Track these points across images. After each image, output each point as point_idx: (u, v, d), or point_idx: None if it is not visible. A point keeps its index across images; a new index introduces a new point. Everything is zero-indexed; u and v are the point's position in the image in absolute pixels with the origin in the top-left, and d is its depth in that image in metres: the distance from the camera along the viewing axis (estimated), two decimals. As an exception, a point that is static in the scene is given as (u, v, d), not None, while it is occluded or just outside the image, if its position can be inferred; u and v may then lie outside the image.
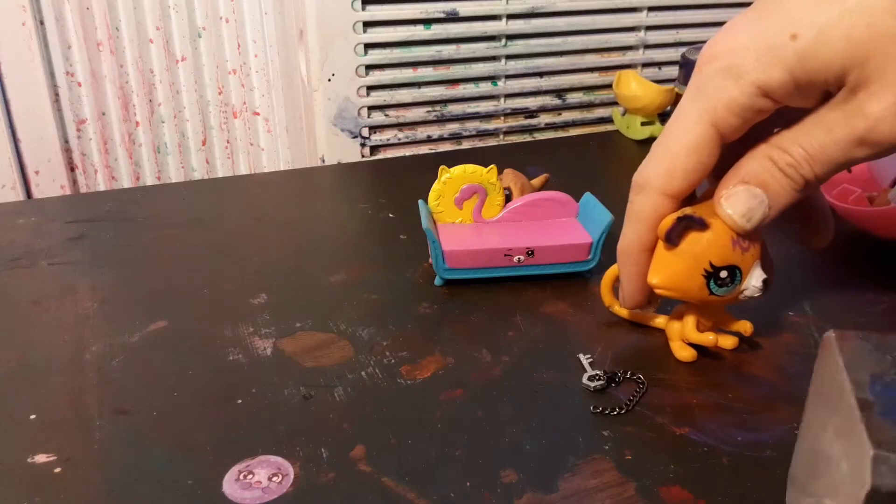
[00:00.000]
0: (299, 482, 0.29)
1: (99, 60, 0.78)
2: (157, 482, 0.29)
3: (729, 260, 0.33)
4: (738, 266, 0.33)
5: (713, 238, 0.32)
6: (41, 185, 0.78)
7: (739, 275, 0.33)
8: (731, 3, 0.79)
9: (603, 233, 0.42)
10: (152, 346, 0.37)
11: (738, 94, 0.29)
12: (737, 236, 0.32)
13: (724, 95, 0.29)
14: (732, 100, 0.29)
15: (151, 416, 0.32)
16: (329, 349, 0.37)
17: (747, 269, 0.33)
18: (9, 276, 0.44)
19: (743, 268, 0.33)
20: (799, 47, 0.27)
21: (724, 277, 0.33)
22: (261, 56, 0.83)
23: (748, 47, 0.28)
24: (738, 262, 0.33)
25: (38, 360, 0.36)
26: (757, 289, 0.33)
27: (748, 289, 0.33)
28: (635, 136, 0.70)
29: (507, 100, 0.74)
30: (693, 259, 0.33)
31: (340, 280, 0.44)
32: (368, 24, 0.66)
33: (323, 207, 0.56)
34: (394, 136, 0.71)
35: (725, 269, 0.33)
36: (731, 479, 0.28)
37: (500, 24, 0.71)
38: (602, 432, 0.31)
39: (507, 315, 0.40)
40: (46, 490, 0.28)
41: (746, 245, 0.32)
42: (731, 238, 0.32)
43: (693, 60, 0.67)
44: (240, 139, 0.86)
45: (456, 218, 0.45)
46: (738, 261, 0.33)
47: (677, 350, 0.36)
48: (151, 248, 0.48)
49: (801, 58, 0.27)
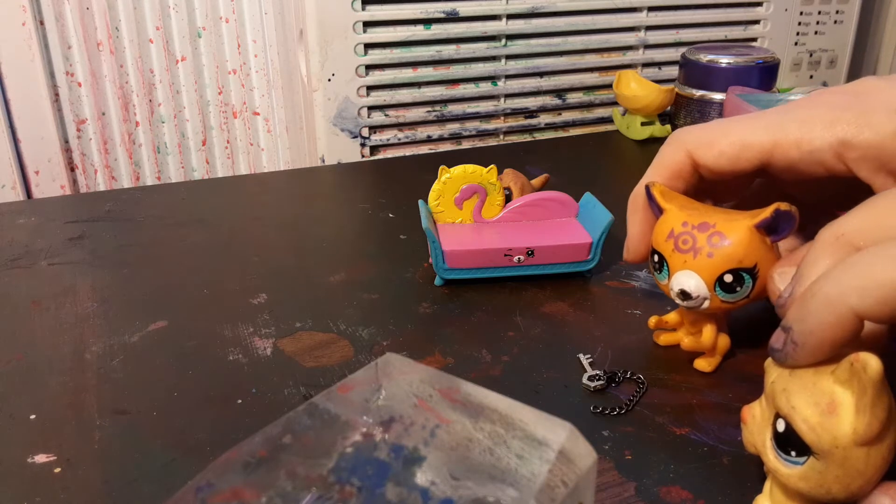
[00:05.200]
0: (299, 482, 0.29)
1: (99, 60, 0.78)
2: (157, 482, 0.29)
3: (660, 247, 0.33)
4: (665, 258, 0.33)
5: (660, 221, 0.33)
6: (41, 185, 0.78)
7: (666, 268, 0.33)
8: (731, 3, 0.79)
9: (603, 233, 0.42)
10: (152, 346, 0.37)
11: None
12: (678, 234, 0.32)
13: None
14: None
15: (151, 416, 0.32)
16: (329, 349, 0.37)
17: (675, 267, 0.32)
18: (9, 276, 0.44)
19: (669, 263, 0.33)
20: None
21: (655, 262, 0.34)
22: (261, 56, 0.83)
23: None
24: (665, 253, 0.33)
25: (38, 360, 0.36)
26: (674, 293, 0.33)
27: (671, 290, 0.33)
28: (635, 136, 0.70)
29: (507, 100, 0.74)
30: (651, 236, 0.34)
31: (340, 280, 0.44)
32: (368, 24, 0.66)
33: (323, 207, 0.56)
34: (394, 136, 0.71)
35: (657, 255, 0.33)
36: (731, 479, 0.28)
37: (500, 24, 0.71)
38: (602, 432, 0.31)
39: (507, 315, 0.40)
40: (46, 490, 0.28)
41: (687, 247, 0.32)
42: (672, 229, 0.32)
43: (693, 60, 0.68)
44: (240, 139, 0.86)
45: (456, 218, 0.45)
46: (667, 254, 0.33)
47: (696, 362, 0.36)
48: (151, 248, 0.48)
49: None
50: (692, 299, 0.32)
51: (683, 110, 0.69)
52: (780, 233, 0.31)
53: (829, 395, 0.21)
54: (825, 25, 0.84)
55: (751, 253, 0.31)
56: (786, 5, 0.80)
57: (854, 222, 0.25)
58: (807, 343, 0.22)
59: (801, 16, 0.82)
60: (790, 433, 0.22)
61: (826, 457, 0.21)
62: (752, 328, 0.38)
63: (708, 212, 0.32)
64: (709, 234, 0.31)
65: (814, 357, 0.23)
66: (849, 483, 0.21)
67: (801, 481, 0.22)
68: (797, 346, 0.23)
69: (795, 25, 0.82)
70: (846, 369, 0.21)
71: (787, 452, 0.23)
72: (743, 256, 0.31)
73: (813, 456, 0.22)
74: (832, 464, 0.21)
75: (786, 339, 0.23)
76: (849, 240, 0.25)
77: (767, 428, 0.24)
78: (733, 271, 0.31)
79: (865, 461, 0.21)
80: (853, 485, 0.22)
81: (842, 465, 0.21)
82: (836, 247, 0.25)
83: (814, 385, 0.22)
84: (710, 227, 0.31)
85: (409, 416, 0.20)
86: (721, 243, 0.31)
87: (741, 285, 0.31)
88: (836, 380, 0.22)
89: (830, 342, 0.22)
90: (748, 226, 0.31)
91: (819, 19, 0.83)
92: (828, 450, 0.21)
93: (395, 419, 0.20)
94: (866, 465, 0.21)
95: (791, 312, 0.23)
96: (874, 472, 0.21)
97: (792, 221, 0.30)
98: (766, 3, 0.80)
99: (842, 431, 0.21)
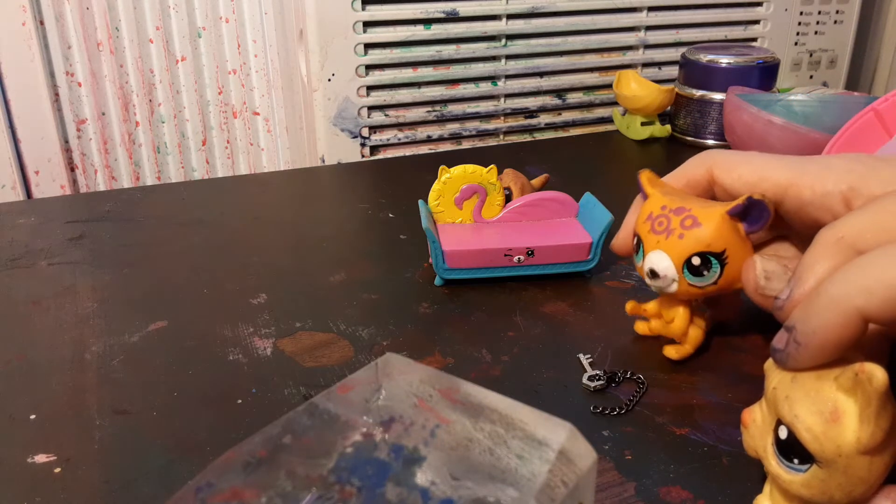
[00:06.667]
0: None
1: (99, 60, 0.78)
2: (157, 482, 0.29)
3: (638, 229, 0.34)
4: (641, 239, 0.34)
5: (643, 207, 0.34)
6: (41, 185, 0.78)
7: (641, 249, 0.34)
8: (731, 3, 0.79)
9: (603, 233, 0.42)
10: (152, 346, 0.37)
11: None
12: (656, 216, 0.33)
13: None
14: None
15: (151, 416, 0.32)
16: (329, 349, 0.37)
17: (648, 247, 0.33)
18: (9, 276, 0.44)
19: (644, 243, 0.34)
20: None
21: (635, 244, 0.35)
22: (261, 56, 0.83)
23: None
24: (642, 234, 0.34)
25: (38, 360, 0.36)
26: (644, 272, 0.34)
27: (643, 268, 0.34)
28: (635, 136, 0.70)
29: (507, 100, 0.74)
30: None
31: (340, 280, 0.44)
32: (368, 24, 0.66)
33: (323, 207, 0.56)
34: (394, 136, 0.71)
35: (636, 237, 0.34)
36: (731, 479, 0.28)
37: (500, 24, 0.71)
38: (602, 432, 0.31)
39: (507, 315, 0.40)
40: (46, 490, 0.28)
41: (661, 229, 0.33)
42: (650, 213, 0.33)
43: (693, 60, 0.68)
44: (240, 139, 0.86)
45: (456, 218, 0.45)
46: (643, 234, 0.34)
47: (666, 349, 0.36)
48: (151, 248, 0.48)
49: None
50: (660, 279, 0.33)
51: (683, 110, 0.69)
52: (753, 223, 0.31)
53: (832, 403, 0.21)
54: (825, 25, 0.84)
55: (720, 238, 0.32)
56: (786, 5, 0.80)
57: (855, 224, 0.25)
58: (810, 343, 0.22)
59: (801, 16, 0.82)
60: (793, 441, 0.22)
61: (829, 465, 0.21)
62: (753, 328, 0.38)
63: (687, 199, 0.33)
64: (682, 217, 0.32)
65: (816, 358, 0.22)
66: (851, 490, 0.21)
67: (803, 488, 0.22)
68: (800, 346, 0.23)
69: (795, 25, 0.82)
70: (850, 378, 0.21)
71: (789, 459, 0.23)
72: (712, 240, 0.32)
73: (816, 464, 0.22)
74: (835, 472, 0.21)
75: (788, 338, 0.23)
76: (849, 242, 0.25)
77: (769, 433, 0.24)
78: (701, 254, 0.32)
79: (868, 469, 0.21)
80: (855, 491, 0.21)
81: (845, 472, 0.21)
82: (836, 249, 0.25)
83: (816, 392, 0.22)
84: (686, 210, 0.32)
85: (409, 416, 0.20)
86: (692, 226, 0.32)
87: (708, 269, 0.32)
88: (839, 387, 0.21)
89: (834, 343, 0.22)
90: (721, 212, 0.32)
91: (819, 19, 0.83)
92: (831, 458, 0.21)
93: (395, 419, 0.20)
94: (869, 472, 0.21)
95: (795, 312, 0.23)
96: (877, 479, 0.21)
97: (765, 213, 0.31)
98: (766, 3, 0.80)
99: (845, 440, 0.21)
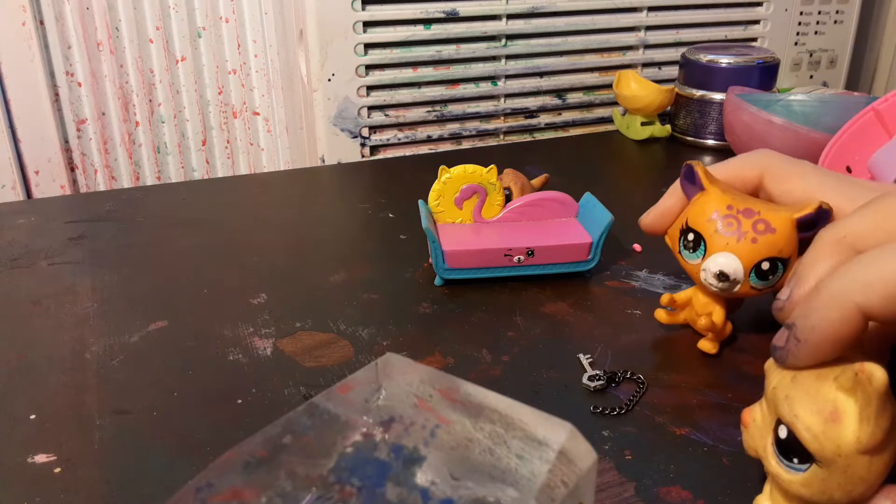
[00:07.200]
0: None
1: (99, 60, 0.78)
2: (157, 482, 0.29)
3: (699, 226, 0.33)
4: (703, 237, 0.33)
5: (701, 200, 0.34)
6: (41, 185, 0.78)
7: (703, 247, 0.33)
8: (731, 3, 0.79)
9: (603, 233, 0.42)
10: (152, 346, 0.37)
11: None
12: (723, 216, 0.32)
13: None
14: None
15: (151, 416, 0.32)
16: (329, 349, 0.37)
17: (715, 248, 0.33)
18: (9, 276, 0.44)
19: (709, 243, 0.33)
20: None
21: (690, 240, 0.34)
22: (261, 56, 0.83)
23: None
24: (706, 233, 0.33)
25: (38, 360, 0.36)
26: (711, 274, 0.33)
27: (705, 270, 0.33)
28: (635, 136, 0.70)
29: (507, 100, 0.74)
30: (683, 213, 0.35)
31: (340, 280, 0.44)
32: (368, 24, 0.66)
33: (323, 207, 0.56)
34: (394, 136, 0.71)
35: (693, 233, 0.34)
36: (731, 479, 0.28)
37: (500, 24, 0.71)
38: (602, 432, 0.31)
39: (507, 315, 0.40)
40: (46, 490, 0.28)
41: (731, 230, 0.32)
42: (716, 211, 0.33)
43: (693, 60, 0.68)
44: (240, 139, 0.86)
45: (456, 218, 0.45)
46: (708, 234, 0.33)
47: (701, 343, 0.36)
48: (151, 248, 0.48)
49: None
50: (728, 281, 0.33)
51: (683, 110, 0.69)
52: (809, 230, 0.31)
53: (831, 402, 0.21)
54: (825, 25, 0.84)
55: (790, 244, 0.32)
56: (786, 5, 0.80)
57: (855, 225, 0.25)
58: (809, 340, 0.22)
59: (801, 16, 0.82)
60: (792, 440, 0.22)
61: (829, 465, 0.21)
62: (753, 328, 0.38)
63: (749, 199, 0.33)
64: (754, 221, 0.32)
65: (816, 355, 0.22)
66: (851, 490, 0.21)
67: (803, 487, 0.22)
68: (800, 343, 0.23)
69: (795, 25, 0.82)
70: (850, 378, 0.21)
71: (789, 459, 0.23)
72: (783, 246, 0.32)
73: (816, 463, 0.22)
74: (835, 471, 0.21)
75: (788, 335, 0.23)
76: (850, 242, 0.25)
77: (768, 433, 0.24)
78: (772, 259, 0.32)
79: (868, 468, 0.21)
80: (855, 491, 0.21)
81: (844, 472, 0.21)
82: (836, 249, 0.25)
83: (816, 392, 0.22)
84: (755, 213, 0.32)
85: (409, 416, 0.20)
86: (765, 231, 0.32)
87: (774, 274, 0.32)
88: (838, 387, 0.21)
89: (834, 339, 0.22)
90: (792, 219, 0.32)
91: (819, 19, 0.83)
92: (831, 458, 0.21)
93: (395, 419, 0.20)
94: (869, 471, 0.21)
95: (795, 310, 0.23)
96: (877, 478, 0.21)
97: (828, 221, 0.31)
98: (766, 3, 0.80)
99: (845, 440, 0.21)
